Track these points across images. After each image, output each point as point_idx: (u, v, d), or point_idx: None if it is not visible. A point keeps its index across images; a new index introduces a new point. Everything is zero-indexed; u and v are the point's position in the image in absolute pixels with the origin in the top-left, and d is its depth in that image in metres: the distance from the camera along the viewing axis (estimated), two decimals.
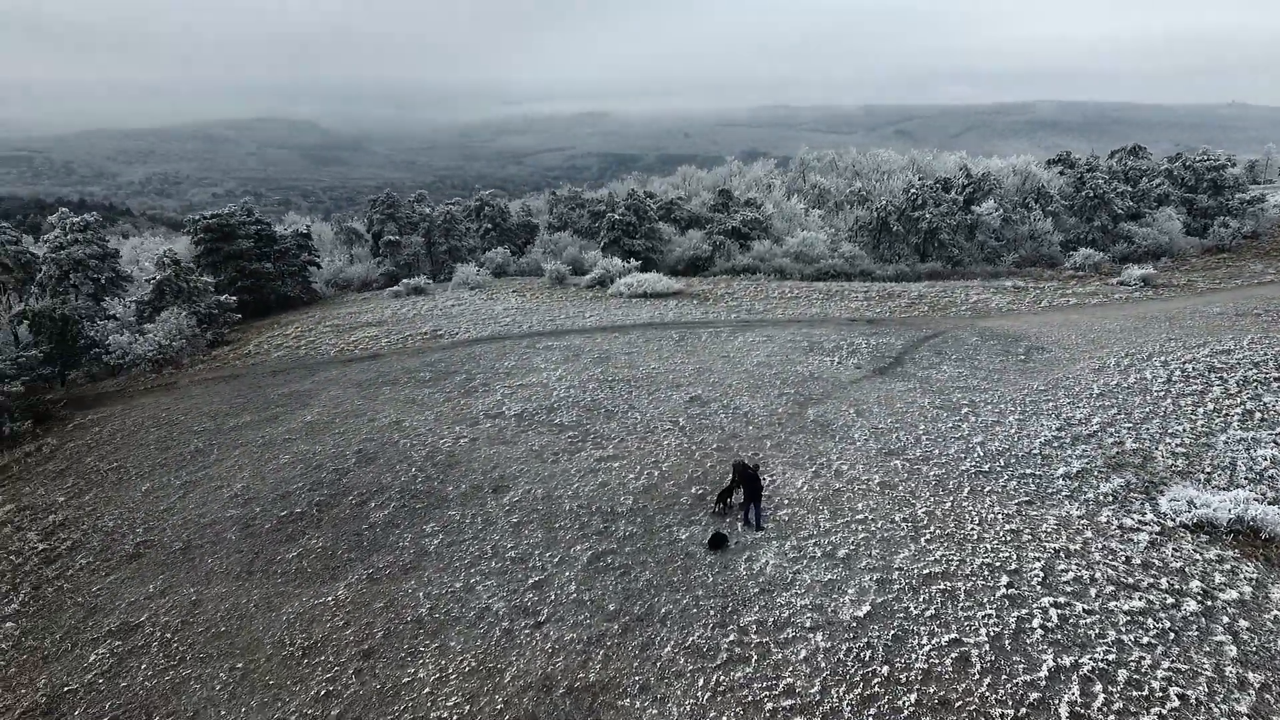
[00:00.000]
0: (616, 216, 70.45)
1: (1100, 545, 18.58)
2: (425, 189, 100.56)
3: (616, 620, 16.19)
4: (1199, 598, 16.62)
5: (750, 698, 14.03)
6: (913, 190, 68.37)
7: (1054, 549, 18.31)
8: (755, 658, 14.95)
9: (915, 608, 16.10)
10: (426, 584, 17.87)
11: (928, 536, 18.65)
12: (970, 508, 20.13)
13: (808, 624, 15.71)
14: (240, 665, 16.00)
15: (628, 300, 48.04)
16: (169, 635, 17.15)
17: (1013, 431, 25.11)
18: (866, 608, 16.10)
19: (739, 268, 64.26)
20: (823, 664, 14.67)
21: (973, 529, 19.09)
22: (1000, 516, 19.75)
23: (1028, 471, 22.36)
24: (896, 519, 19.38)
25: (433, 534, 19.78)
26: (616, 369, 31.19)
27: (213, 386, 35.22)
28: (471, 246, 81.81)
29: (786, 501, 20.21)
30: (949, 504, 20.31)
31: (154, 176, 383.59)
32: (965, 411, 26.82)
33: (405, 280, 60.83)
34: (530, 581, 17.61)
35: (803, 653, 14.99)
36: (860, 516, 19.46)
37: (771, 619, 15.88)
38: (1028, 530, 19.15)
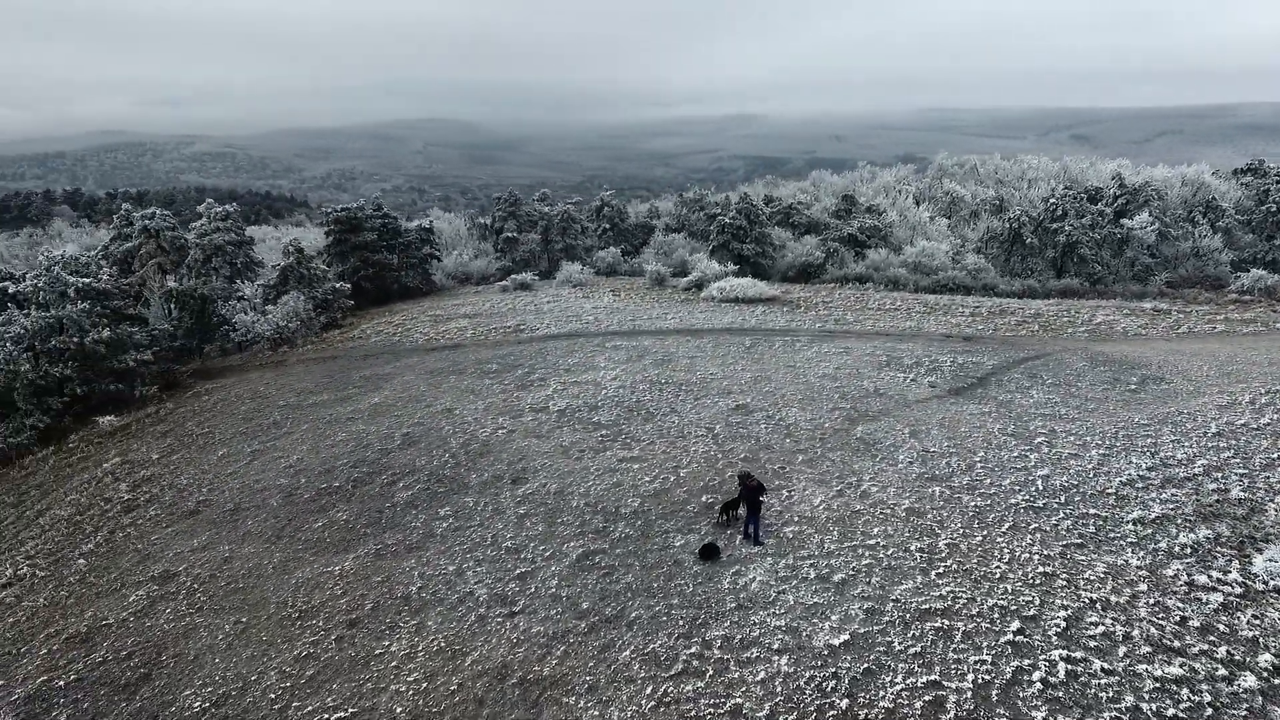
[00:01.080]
0: (727, 220, 70.05)
1: (1152, 601, 16.60)
2: (573, 189, 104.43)
3: (586, 619, 16.34)
4: (1266, 674, 14.48)
5: (694, 712, 13.76)
6: (1052, 200, 63.22)
7: (1090, 599, 16.55)
8: (711, 673, 14.62)
9: (900, 643, 15.11)
10: (424, 564, 18.82)
11: (941, 570, 17.40)
12: (1003, 544, 18.55)
13: (776, 646, 15.14)
14: (244, 620, 17.61)
15: (717, 304, 47.75)
16: (196, 586, 19.16)
17: (1089, 467, 22.83)
18: (845, 636, 15.30)
19: (850, 276, 62.05)
20: (778, 689, 14.12)
21: (997, 567, 17.61)
22: (1037, 557, 18.08)
23: (1091, 512, 20.28)
24: (911, 548, 18.20)
25: (444, 518, 20.77)
26: (673, 372, 31.19)
27: (311, 366, 38.60)
28: (589, 245, 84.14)
29: (797, 518, 19.50)
30: (979, 538, 18.82)
31: (333, 172, 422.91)
32: (1039, 441, 24.65)
33: (513, 276, 63.61)
34: (516, 572, 18.11)
35: (761, 674, 14.49)
36: (871, 542, 18.45)
37: (739, 636, 15.44)
38: (1065, 575, 17.41)
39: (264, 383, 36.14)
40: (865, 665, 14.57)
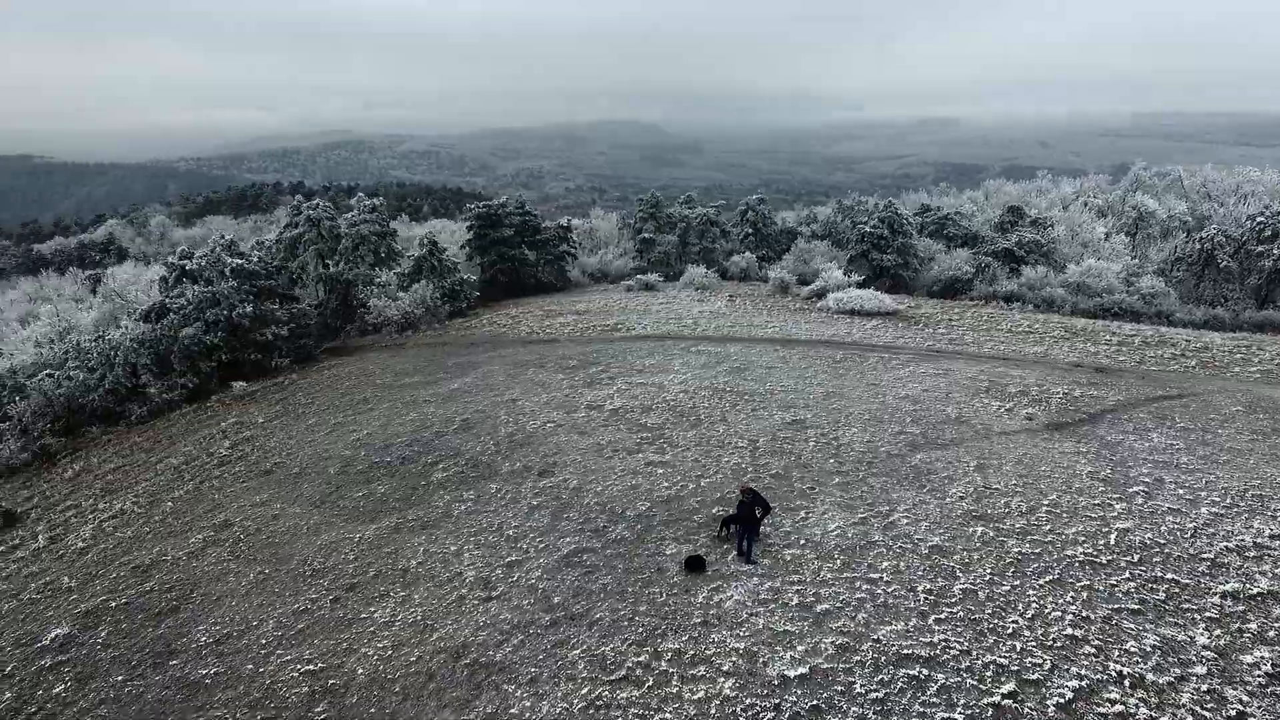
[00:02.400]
0: (868, 229, 67.18)
1: (1206, 689, 14.30)
2: (747, 192, 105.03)
3: (552, 613, 16.65)
4: None
5: (619, 719, 13.70)
6: (1261, 218, 54.90)
7: (1119, 672, 14.54)
8: (650, 684, 14.43)
9: (863, 686, 14.10)
10: (431, 541, 19.97)
11: (943, 615, 15.96)
12: (1034, 598, 16.67)
13: (726, 668, 14.65)
14: (267, 571, 19.61)
15: (830, 315, 46.06)
16: (243, 536, 21.56)
17: (1191, 526, 19.90)
18: (803, 670, 14.50)
19: (999, 294, 57.36)
20: (712, 711, 13.68)
21: (1014, 621, 15.88)
22: (1070, 617, 16.09)
23: (1169, 577, 17.70)
24: (919, 588, 16.83)
25: (466, 500, 21.86)
26: (743, 381, 30.60)
27: (422, 350, 41.75)
28: (728, 249, 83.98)
29: (803, 542, 18.61)
30: (1006, 587, 17.03)
31: (521, 171, 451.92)
32: (1135, 490, 21.76)
33: (639, 276, 64.87)
34: (508, 559, 18.76)
35: (700, 694, 14.10)
36: (875, 576, 17.26)
37: (693, 652, 15.09)
38: (1097, 641, 15.38)
39: (375, 363, 39.59)
40: (814, 703, 13.75)
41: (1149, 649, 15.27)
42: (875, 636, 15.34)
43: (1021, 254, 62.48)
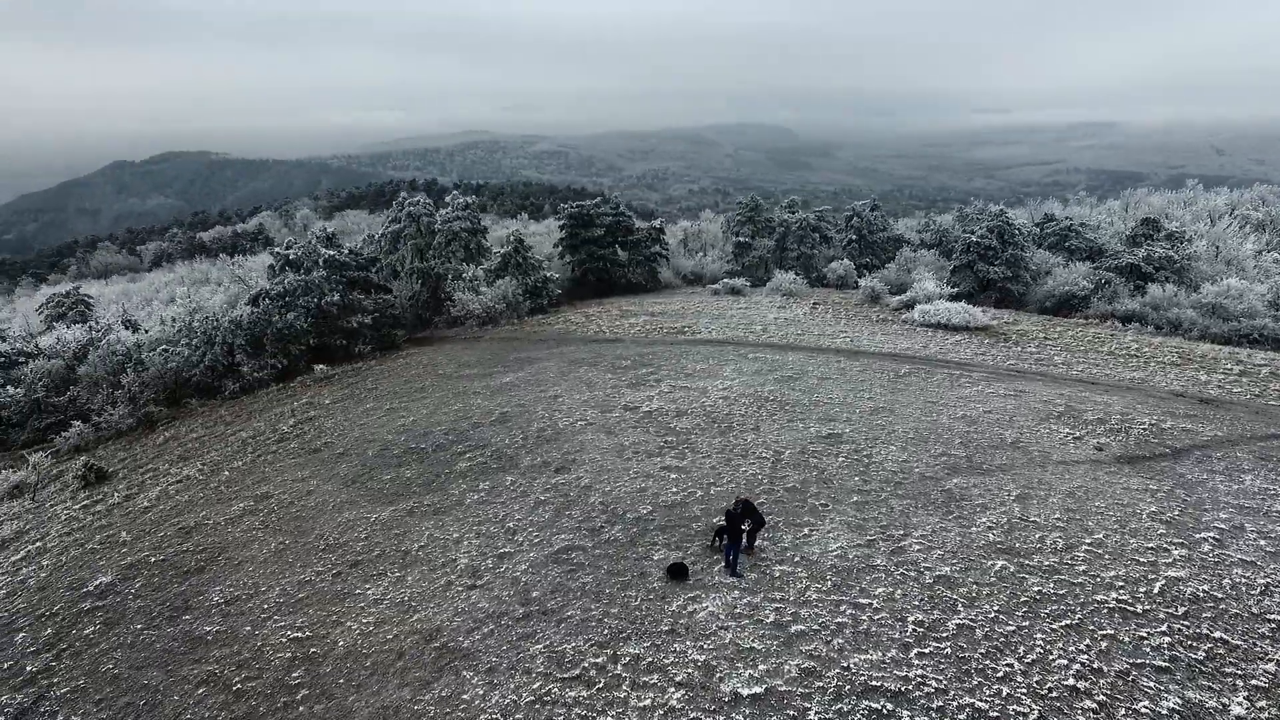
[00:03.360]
0: (974, 238, 63.65)
1: None
2: (879, 198, 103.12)
3: (527, 606, 16.91)
4: None
5: (560, 717, 13.78)
6: None
7: None
8: (600, 685, 14.42)
9: (817, 712, 13.52)
10: (437, 527, 20.72)
11: (927, 650, 15.02)
12: (1041, 642, 15.40)
13: (680, 679, 14.41)
14: (286, 542, 20.98)
15: (912, 328, 44.00)
16: (276, 508, 23.14)
17: (1264, 581, 17.78)
18: (758, 690, 14.06)
19: (1118, 313, 52.92)
20: None
21: (1006, 664, 14.73)
22: (1077, 667, 14.76)
23: (1217, 635, 15.92)
24: (908, 619, 15.90)
25: (480, 490, 22.52)
26: (790, 390, 29.80)
27: (493, 344, 43.24)
28: (831, 255, 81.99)
29: (798, 559, 17.97)
30: (1010, 627, 15.80)
31: (647, 173, 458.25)
32: (1203, 536, 19.62)
33: (725, 280, 64.34)
34: (500, 551, 19.18)
35: (647, 702, 13.96)
36: (864, 601, 16.44)
37: (650, 660, 14.93)
38: (1102, 697, 14.06)
39: (446, 354, 41.36)
40: None
41: (1165, 712, 13.79)
42: (846, 664, 14.64)
43: (1150, 270, 57.28)
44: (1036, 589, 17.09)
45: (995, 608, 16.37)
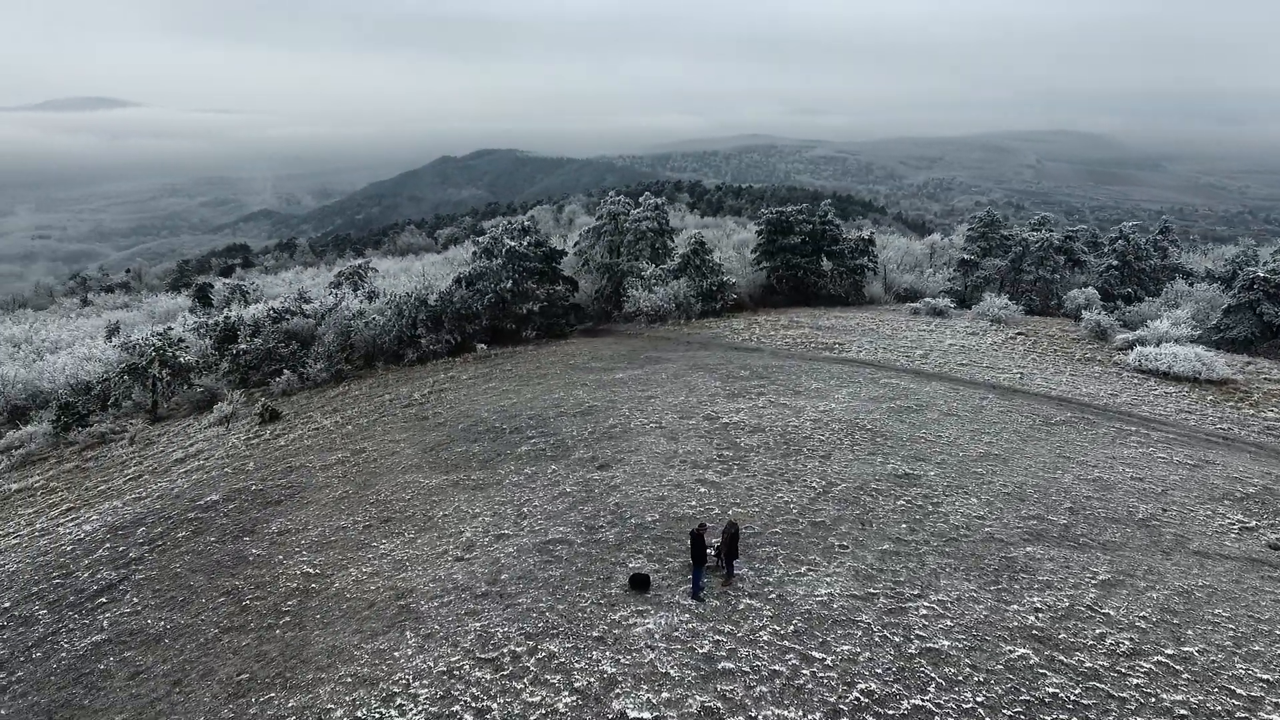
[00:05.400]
0: (1261, 273, 52.59)
1: None
2: (1219, 221, 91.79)
3: (492, 587, 17.64)
4: None
5: (454, 691, 14.38)
6: None
7: None
8: (506, 672, 14.75)
9: None
10: (468, 501, 22.17)
11: (862, 702, 13.46)
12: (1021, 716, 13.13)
13: (579, 685, 14.28)
14: (349, 491, 23.72)
15: (1119, 372, 37.76)
16: (361, 463, 26.18)
17: None
18: (647, 716, 13.56)
19: None
20: (533, 718, 13.68)
21: None
22: None
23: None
24: (860, 686, 14.24)
25: (523, 474, 23.64)
26: (895, 422, 27.27)
27: (643, 341, 44.47)
28: (1081, 282, 72.76)
29: (774, 597, 16.70)
30: (1000, 690, 13.60)
31: (930, 181, 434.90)
32: None
33: (927, 300, 59.51)
34: (501, 532, 20.10)
35: (538, 698, 14.07)
36: (818, 657, 14.94)
37: (563, 660, 14.96)
38: None
39: (593, 346, 43.31)
40: None
41: None
42: (754, 714, 13.59)
43: None
44: (1051, 691, 14.39)
45: (977, 700, 14.10)
